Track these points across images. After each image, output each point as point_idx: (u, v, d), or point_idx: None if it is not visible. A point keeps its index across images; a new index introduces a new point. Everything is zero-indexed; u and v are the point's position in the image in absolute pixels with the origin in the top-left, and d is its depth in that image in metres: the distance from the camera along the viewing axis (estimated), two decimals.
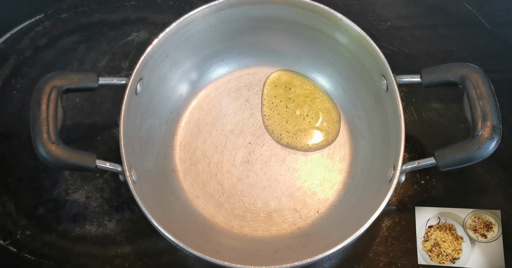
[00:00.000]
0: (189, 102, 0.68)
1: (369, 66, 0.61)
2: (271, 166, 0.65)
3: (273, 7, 0.62)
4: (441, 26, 0.73)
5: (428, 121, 0.68)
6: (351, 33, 0.60)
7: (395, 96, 0.57)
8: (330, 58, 0.66)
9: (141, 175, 0.58)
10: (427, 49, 0.72)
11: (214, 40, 0.65)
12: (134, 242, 0.63)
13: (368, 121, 0.65)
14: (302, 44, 0.67)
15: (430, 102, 0.69)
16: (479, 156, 0.53)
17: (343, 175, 0.65)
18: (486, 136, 0.52)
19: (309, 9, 0.61)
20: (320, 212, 0.63)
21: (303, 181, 0.65)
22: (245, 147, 0.66)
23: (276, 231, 0.62)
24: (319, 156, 0.66)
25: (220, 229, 0.62)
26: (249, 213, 0.63)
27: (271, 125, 0.67)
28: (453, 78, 0.56)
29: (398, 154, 0.55)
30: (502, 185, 0.65)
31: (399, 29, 0.73)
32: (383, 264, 0.62)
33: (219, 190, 0.64)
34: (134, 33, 0.72)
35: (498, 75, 0.68)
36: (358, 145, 0.66)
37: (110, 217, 0.64)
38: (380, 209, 0.53)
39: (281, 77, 0.69)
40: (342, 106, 0.68)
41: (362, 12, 0.74)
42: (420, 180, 0.65)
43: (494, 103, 0.53)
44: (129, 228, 0.63)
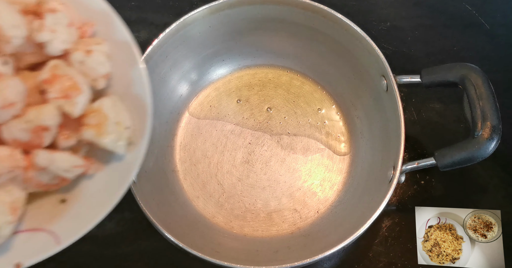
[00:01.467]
0: (189, 102, 0.68)
1: (369, 66, 0.61)
2: (271, 166, 0.65)
3: (273, 7, 0.62)
4: (441, 26, 0.73)
5: (428, 121, 0.68)
6: (351, 33, 0.60)
7: (395, 96, 0.57)
8: (330, 58, 0.66)
9: (141, 175, 0.58)
10: (427, 49, 0.72)
11: (214, 40, 0.65)
12: (134, 242, 0.63)
13: (368, 121, 0.65)
14: (302, 44, 0.67)
15: (430, 102, 0.69)
16: (479, 156, 0.53)
17: (343, 175, 0.65)
18: (486, 136, 0.52)
19: (309, 9, 0.61)
20: (320, 212, 0.63)
21: (303, 181, 0.65)
22: (245, 147, 0.66)
23: (276, 231, 0.63)
24: (319, 156, 0.66)
25: (220, 229, 0.62)
26: (249, 213, 0.63)
27: (271, 126, 0.67)
28: (453, 79, 0.56)
29: (398, 154, 0.55)
30: (502, 185, 0.65)
31: (399, 29, 0.73)
32: (383, 264, 0.62)
33: (219, 190, 0.64)
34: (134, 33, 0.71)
35: (498, 75, 0.68)
36: (358, 145, 0.66)
37: (110, 217, 0.63)
38: (380, 209, 0.53)
39: (281, 77, 0.69)
40: (342, 107, 0.68)
41: (362, 12, 0.74)
42: (420, 180, 0.65)
43: (494, 103, 0.53)
44: (129, 228, 0.63)
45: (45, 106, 0.37)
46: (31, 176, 0.38)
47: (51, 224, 0.38)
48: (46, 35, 0.37)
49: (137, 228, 0.63)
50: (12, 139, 0.36)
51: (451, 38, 0.72)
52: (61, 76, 0.37)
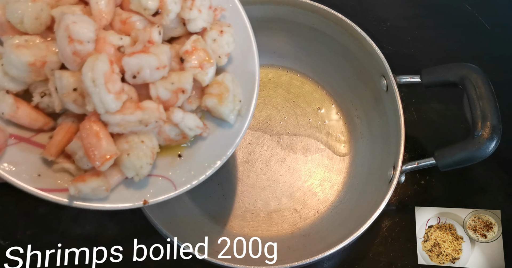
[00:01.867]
0: None
1: (369, 66, 0.61)
2: (271, 166, 0.65)
3: (273, 7, 0.62)
4: (441, 26, 0.73)
5: (428, 121, 0.68)
6: (351, 33, 0.60)
7: (395, 96, 0.57)
8: (330, 58, 0.66)
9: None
10: (427, 49, 0.72)
11: None
12: (134, 242, 0.63)
13: (368, 122, 0.65)
14: (302, 44, 0.67)
15: (430, 103, 0.69)
16: (479, 156, 0.53)
17: (343, 175, 0.65)
18: (486, 136, 0.52)
19: (309, 10, 0.61)
20: (320, 212, 0.63)
21: (303, 181, 0.65)
22: (245, 147, 0.66)
23: (276, 231, 0.62)
24: (319, 156, 0.66)
25: (220, 229, 0.62)
26: (249, 213, 0.63)
27: (271, 126, 0.67)
28: (453, 79, 0.56)
29: (398, 154, 0.55)
30: (502, 185, 0.65)
31: (399, 29, 0.73)
32: (383, 264, 0.62)
33: (219, 190, 0.64)
34: None
35: (498, 76, 0.68)
36: (358, 145, 0.66)
37: (110, 217, 0.64)
38: (380, 209, 0.53)
39: (281, 77, 0.69)
40: (342, 107, 0.68)
41: (362, 12, 0.74)
42: (420, 180, 0.65)
43: (494, 103, 0.53)
44: (129, 228, 0.63)
45: (185, 72, 0.44)
46: (164, 129, 0.45)
47: (170, 173, 0.45)
48: (194, 14, 0.45)
49: (137, 228, 0.63)
50: (156, 96, 0.43)
51: (451, 38, 0.72)
52: (199, 49, 0.45)
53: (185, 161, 0.46)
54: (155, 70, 0.42)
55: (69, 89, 0.41)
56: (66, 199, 0.43)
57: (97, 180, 0.42)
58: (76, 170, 0.44)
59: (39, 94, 0.43)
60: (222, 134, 0.48)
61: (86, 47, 0.40)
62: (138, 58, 0.41)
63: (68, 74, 0.41)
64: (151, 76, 0.42)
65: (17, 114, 0.43)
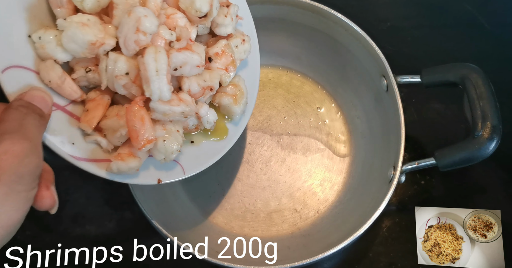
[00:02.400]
0: None
1: (369, 66, 0.61)
2: (271, 166, 0.65)
3: (273, 7, 0.62)
4: (441, 26, 0.73)
5: (428, 121, 0.68)
6: (351, 33, 0.60)
7: (395, 96, 0.57)
8: (330, 58, 0.66)
9: None
10: (427, 49, 0.72)
11: None
12: (134, 242, 0.63)
13: (368, 121, 0.65)
14: (302, 44, 0.67)
15: (430, 102, 0.69)
16: (479, 156, 0.53)
17: (343, 175, 0.65)
18: (486, 136, 0.52)
19: (309, 9, 0.61)
20: (320, 212, 0.63)
21: (303, 181, 0.65)
22: (245, 147, 0.66)
23: (276, 231, 0.62)
24: (319, 156, 0.66)
25: (220, 229, 0.62)
26: (249, 213, 0.63)
27: (271, 126, 0.67)
28: (453, 79, 0.56)
29: (398, 154, 0.55)
30: (502, 185, 0.65)
31: (399, 29, 0.73)
32: (383, 264, 0.62)
33: (219, 190, 0.64)
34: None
35: (498, 75, 0.68)
36: (358, 145, 0.66)
37: (110, 217, 0.64)
38: (380, 209, 0.53)
39: (281, 77, 0.69)
40: (342, 107, 0.68)
41: (362, 12, 0.74)
42: (420, 180, 0.65)
43: (494, 103, 0.53)
44: (129, 228, 0.63)
45: (214, 72, 0.50)
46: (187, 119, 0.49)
47: (181, 159, 0.50)
48: (228, 20, 0.50)
49: (137, 228, 0.63)
50: (188, 90, 0.47)
51: (451, 38, 0.72)
52: (227, 53, 0.50)
53: (194, 149, 0.51)
54: (195, 67, 0.46)
55: (122, 72, 0.44)
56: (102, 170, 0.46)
57: (134, 160, 0.46)
58: (107, 144, 0.46)
59: (83, 69, 0.45)
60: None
61: (147, 38, 0.44)
62: (185, 54, 0.46)
63: (124, 59, 0.44)
64: (190, 72, 0.47)
65: (63, 84, 0.45)
